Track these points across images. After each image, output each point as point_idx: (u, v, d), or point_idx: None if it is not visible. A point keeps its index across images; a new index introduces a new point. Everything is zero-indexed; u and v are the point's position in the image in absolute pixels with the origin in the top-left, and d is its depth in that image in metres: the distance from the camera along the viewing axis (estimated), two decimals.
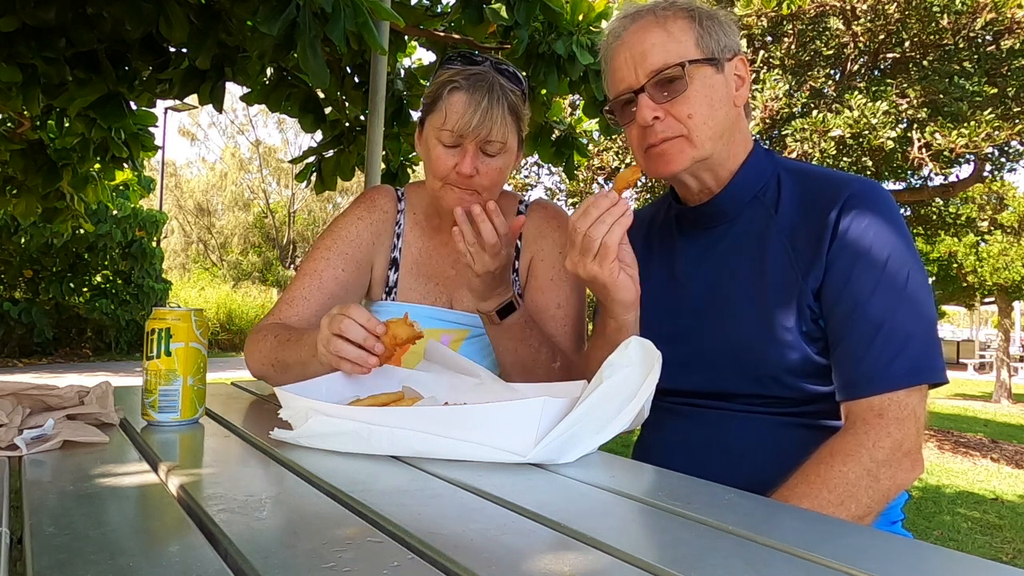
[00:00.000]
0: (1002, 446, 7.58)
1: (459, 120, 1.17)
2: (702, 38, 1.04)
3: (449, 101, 1.18)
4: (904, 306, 0.95)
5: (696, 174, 1.09)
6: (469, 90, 1.17)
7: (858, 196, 0.99)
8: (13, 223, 10.65)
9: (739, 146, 1.09)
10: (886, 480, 0.90)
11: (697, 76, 1.03)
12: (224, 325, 15.39)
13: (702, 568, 0.50)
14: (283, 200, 30.00)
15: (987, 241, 11.95)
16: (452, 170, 1.21)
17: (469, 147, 1.19)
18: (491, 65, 1.22)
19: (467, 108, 1.16)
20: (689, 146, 1.04)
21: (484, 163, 1.21)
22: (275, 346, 1.20)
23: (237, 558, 0.50)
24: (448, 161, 1.21)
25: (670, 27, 1.04)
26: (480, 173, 1.21)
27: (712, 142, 1.05)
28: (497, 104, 1.17)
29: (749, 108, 1.13)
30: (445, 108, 1.19)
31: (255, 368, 1.26)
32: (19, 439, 0.80)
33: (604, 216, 0.98)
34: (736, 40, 1.08)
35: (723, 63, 1.05)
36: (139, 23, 2.30)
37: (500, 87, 1.19)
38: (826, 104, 7.19)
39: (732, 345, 1.04)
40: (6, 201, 3.79)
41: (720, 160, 1.07)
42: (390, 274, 1.38)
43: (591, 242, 0.98)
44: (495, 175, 1.22)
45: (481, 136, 1.18)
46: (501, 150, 1.21)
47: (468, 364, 1.09)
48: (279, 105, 3.31)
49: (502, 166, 1.23)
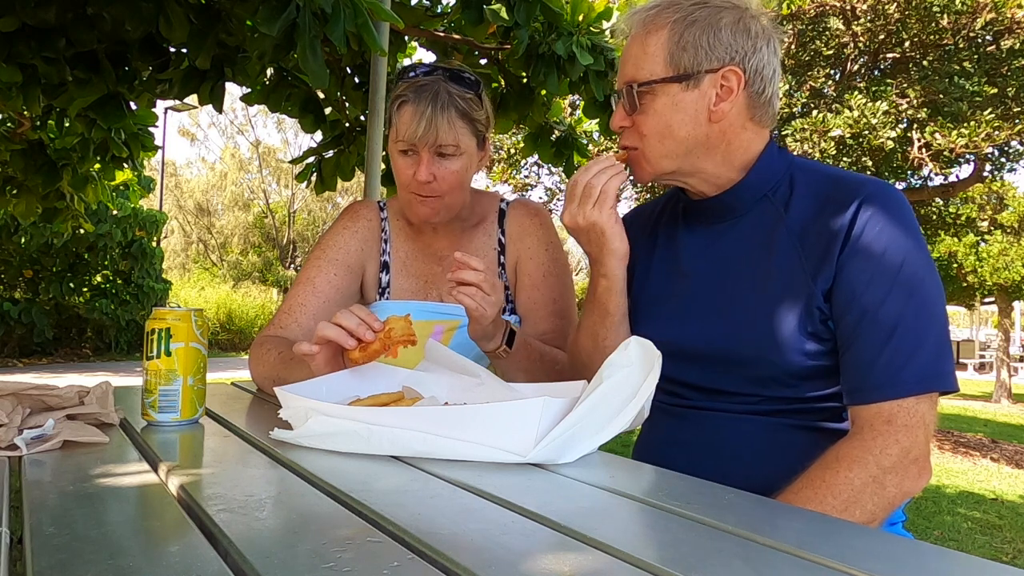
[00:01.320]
0: (1002, 446, 7.58)
1: (407, 130, 1.25)
2: (673, 55, 1.02)
3: (399, 115, 1.27)
4: (916, 312, 0.94)
5: (679, 181, 1.11)
6: (415, 101, 1.25)
7: (872, 198, 0.98)
8: (13, 223, 10.65)
9: (735, 154, 1.06)
10: (892, 487, 0.89)
11: (660, 94, 1.03)
12: (224, 325, 15.39)
13: (702, 568, 0.50)
14: (283, 200, 29.99)
15: (987, 241, 11.94)
16: (412, 179, 1.28)
17: (423, 154, 1.27)
18: (442, 73, 1.29)
19: (413, 118, 1.24)
20: (645, 161, 1.08)
21: (440, 167, 1.28)
22: (277, 363, 1.25)
23: (237, 558, 0.50)
24: (408, 170, 1.29)
25: (648, 40, 1.04)
26: (438, 178, 1.28)
27: (670, 160, 1.06)
28: (442, 111, 1.24)
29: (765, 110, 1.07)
30: (397, 122, 1.28)
31: (259, 380, 1.33)
32: (19, 439, 0.80)
33: (605, 169, 1.07)
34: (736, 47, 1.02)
35: (700, 76, 1.01)
36: (139, 23, 2.30)
37: (447, 93, 1.26)
38: (826, 104, 7.19)
39: (733, 342, 1.04)
40: (6, 201, 3.79)
41: (703, 170, 1.07)
42: (382, 276, 1.44)
43: (592, 188, 1.06)
44: (452, 178, 1.29)
45: (430, 142, 1.25)
46: (456, 152, 1.28)
47: (468, 364, 1.09)
48: (279, 105, 3.31)
49: (460, 168, 1.30)
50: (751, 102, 1.05)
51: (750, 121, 1.06)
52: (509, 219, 1.45)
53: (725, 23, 1.02)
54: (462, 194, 1.35)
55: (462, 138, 1.28)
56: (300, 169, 3.69)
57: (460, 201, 1.36)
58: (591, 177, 1.06)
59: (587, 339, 1.16)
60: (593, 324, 1.14)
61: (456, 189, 1.32)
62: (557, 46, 2.89)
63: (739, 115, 1.05)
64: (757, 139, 1.08)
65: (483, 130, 1.34)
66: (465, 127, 1.28)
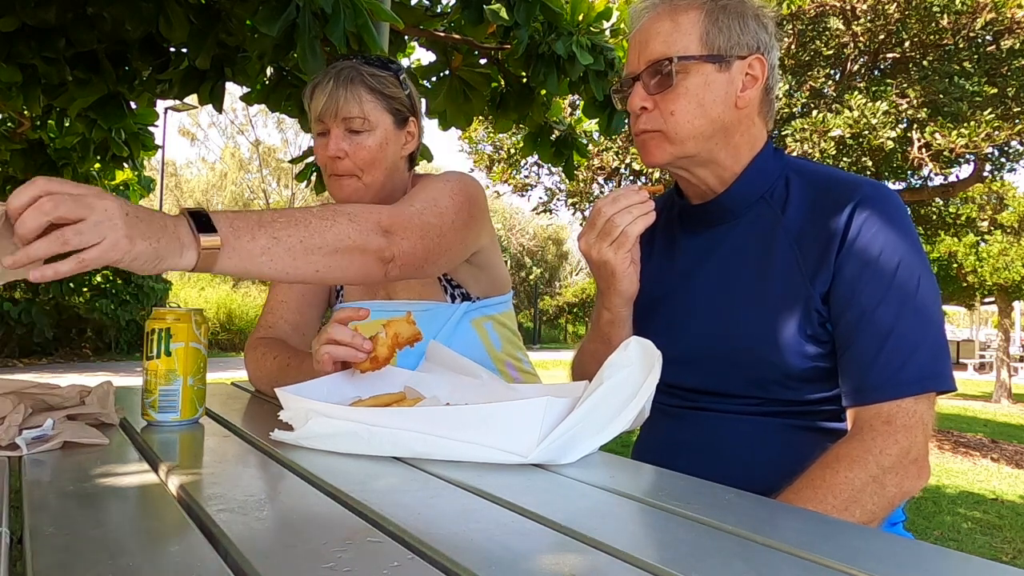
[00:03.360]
0: (1002, 446, 7.58)
1: (315, 106, 1.27)
2: (709, 33, 1.02)
3: (311, 99, 1.29)
4: (913, 313, 0.94)
5: (689, 169, 1.08)
6: (323, 81, 1.28)
7: (869, 200, 0.98)
8: None
9: (742, 147, 1.07)
10: (892, 487, 0.89)
11: (694, 72, 1.02)
12: (224, 325, 15.39)
13: (702, 568, 0.50)
14: (283, 200, 29.98)
15: (987, 241, 11.94)
16: (327, 158, 1.28)
17: (334, 130, 1.26)
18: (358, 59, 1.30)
19: (321, 94, 1.26)
20: (667, 142, 1.05)
21: (352, 143, 1.27)
22: (276, 369, 1.27)
23: (237, 558, 0.50)
24: (323, 151, 1.28)
25: (679, 18, 1.03)
26: (350, 154, 1.27)
27: (695, 142, 1.04)
28: (344, 84, 1.25)
29: (771, 108, 1.10)
30: (309, 106, 1.29)
31: (259, 385, 1.34)
32: (19, 439, 0.80)
33: (632, 207, 1.01)
34: (760, 37, 1.04)
35: (731, 60, 1.03)
36: (139, 23, 2.30)
37: (353, 70, 1.27)
38: (826, 104, 7.19)
39: (732, 346, 1.04)
40: None
41: (717, 160, 1.06)
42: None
43: (613, 227, 1.01)
44: (365, 153, 1.27)
45: (334, 114, 1.25)
46: (365, 126, 1.27)
47: (469, 364, 1.09)
48: (279, 105, 3.31)
49: (373, 144, 1.28)
50: (764, 96, 1.07)
51: (758, 116, 1.08)
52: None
53: (750, 14, 1.05)
54: (381, 174, 1.30)
55: (371, 112, 1.26)
56: (300, 169, 3.69)
57: (380, 182, 1.31)
58: (616, 213, 1.01)
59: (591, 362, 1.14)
60: (596, 350, 1.13)
61: (372, 167, 1.28)
62: (557, 46, 2.89)
63: (754, 107, 1.07)
64: (761, 135, 1.10)
65: (403, 109, 1.31)
66: (375, 101, 1.27)
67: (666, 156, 1.06)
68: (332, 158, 1.26)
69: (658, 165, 1.09)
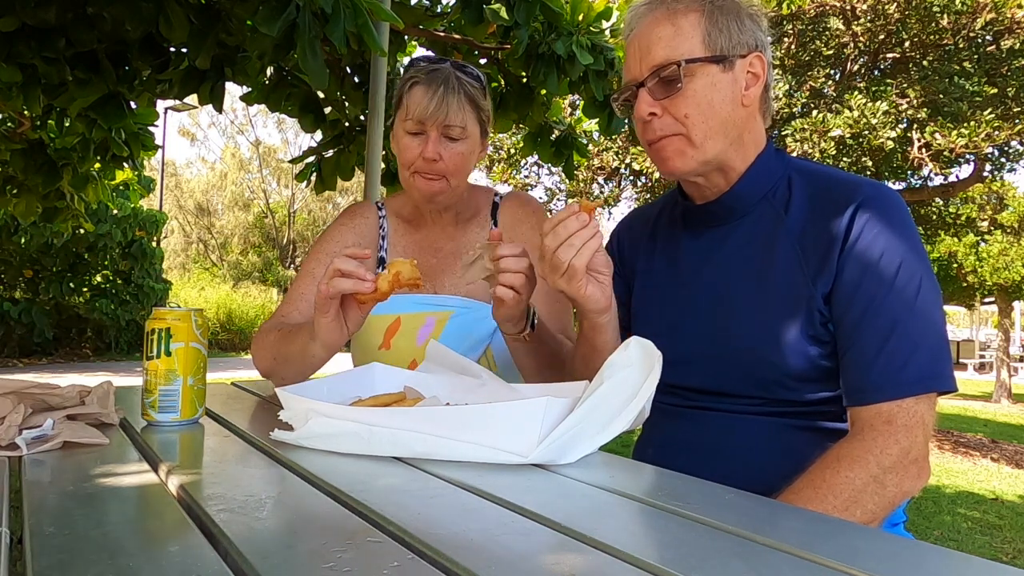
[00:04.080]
0: (1002, 446, 7.58)
1: (418, 108, 1.28)
2: (711, 34, 1.02)
3: (410, 95, 1.30)
4: (914, 313, 0.94)
5: (706, 175, 1.08)
6: (427, 83, 1.29)
7: (870, 200, 0.98)
8: (13, 223, 10.65)
9: (750, 147, 1.07)
10: (892, 487, 0.89)
11: (699, 75, 1.02)
12: (224, 325, 15.39)
13: (702, 568, 0.50)
14: (283, 200, 29.99)
15: (987, 241, 11.94)
16: (418, 156, 1.30)
17: (431, 132, 1.29)
18: (450, 64, 1.33)
19: (424, 96, 1.28)
20: (689, 146, 1.03)
21: (447, 148, 1.31)
22: (277, 341, 1.28)
23: (237, 558, 0.50)
24: (415, 149, 1.31)
25: (679, 21, 1.02)
26: (444, 158, 1.30)
27: (713, 142, 1.03)
28: (452, 92, 1.29)
29: (769, 106, 1.10)
30: (407, 102, 1.31)
31: (261, 366, 1.34)
32: (19, 439, 0.80)
33: (572, 239, 0.95)
34: (757, 35, 1.05)
35: (733, 60, 1.03)
36: (139, 23, 2.30)
37: (456, 78, 1.30)
38: (826, 104, 7.19)
39: (734, 346, 1.04)
40: (6, 201, 3.79)
41: (729, 161, 1.06)
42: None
43: (560, 263, 0.96)
44: (459, 160, 1.32)
45: (440, 120, 1.28)
46: (462, 135, 1.31)
47: (470, 364, 1.09)
48: (279, 105, 3.31)
49: (465, 151, 1.33)
50: (763, 94, 1.07)
51: (759, 114, 1.09)
52: (502, 211, 1.47)
53: (745, 12, 1.05)
54: (464, 180, 1.38)
55: (469, 122, 1.32)
56: (300, 169, 3.69)
57: (461, 188, 1.38)
58: (557, 248, 0.95)
59: (582, 367, 1.14)
60: (585, 355, 1.12)
61: (459, 172, 1.34)
62: (557, 46, 2.89)
63: (756, 105, 1.07)
64: (763, 134, 1.10)
65: (486, 121, 1.37)
66: (472, 112, 1.32)
67: (690, 164, 1.04)
68: (428, 160, 1.30)
69: (681, 174, 1.06)
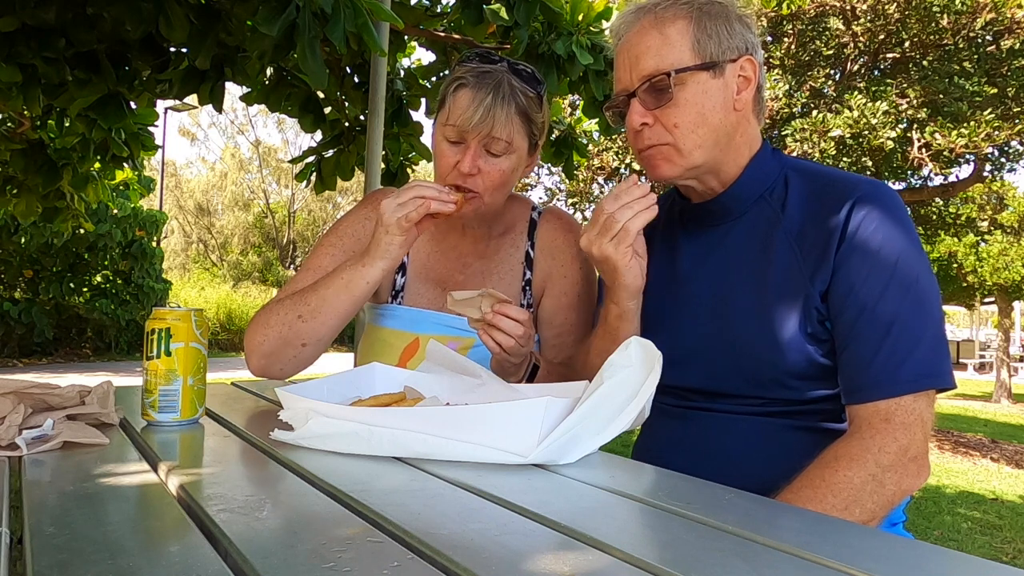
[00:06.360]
0: (1002, 446, 7.58)
1: (461, 116, 1.15)
2: (700, 41, 1.02)
3: (455, 97, 1.17)
4: (912, 311, 0.94)
5: (697, 178, 1.08)
6: (475, 87, 1.16)
7: (867, 198, 0.98)
8: (13, 223, 10.65)
9: (743, 148, 1.08)
10: (891, 485, 0.89)
11: (690, 83, 1.02)
12: (224, 325, 15.38)
13: (702, 568, 0.50)
14: (283, 200, 29.99)
15: (987, 241, 11.94)
16: (454, 168, 1.18)
17: (472, 144, 1.16)
18: (507, 65, 1.19)
19: (470, 104, 1.15)
20: (677, 155, 1.04)
21: (487, 162, 1.18)
22: (295, 302, 1.18)
23: (237, 558, 0.50)
24: (451, 158, 1.18)
25: (667, 30, 1.03)
26: (482, 172, 1.18)
27: (702, 151, 1.04)
28: (502, 102, 1.15)
29: (763, 106, 1.11)
30: (450, 104, 1.18)
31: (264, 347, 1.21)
32: (19, 439, 0.80)
33: (633, 203, 1.01)
34: (747, 38, 1.05)
35: (723, 66, 1.03)
36: (139, 23, 2.30)
37: (509, 85, 1.16)
38: (826, 104, 7.20)
39: (733, 345, 1.04)
40: (6, 201, 3.79)
41: (720, 164, 1.06)
42: (397, 278, 1.35)
43: (614, 223, 1.00)
44: (498, 176, 1.19)
45: (483, 133, 1.15)
46: (507, 150, 1.18)
47: (470, 364, 1.09)
48: (279, 105, 3.31)
49: (507, 168, 1.20)
50: (756, 96, 1.08)
51: (753, 115, 1.09)
52: (540, 231, 1.35)
53: (734, 16, 1.05)
54: (503, 197, 1.25)
55: (516, 136, 1.19)
56: (300, 169, 3.69)
57: (498, 204, 1.26)
58: (616, 209, 1.00)
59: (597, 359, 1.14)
60: (604, 347, 1.12)
61: (499, 189, 1.21)
62: (557, 46, 2.89)
63: (749, 108, 1.07)
64: (757, 134, 1.11)
65: (537, 135, 1.24)
66: (522, 126, 1.19)
67: (676, 171, 1.06)
68: (464, 174, 1.17)
69: (667, 180, 1.08)
